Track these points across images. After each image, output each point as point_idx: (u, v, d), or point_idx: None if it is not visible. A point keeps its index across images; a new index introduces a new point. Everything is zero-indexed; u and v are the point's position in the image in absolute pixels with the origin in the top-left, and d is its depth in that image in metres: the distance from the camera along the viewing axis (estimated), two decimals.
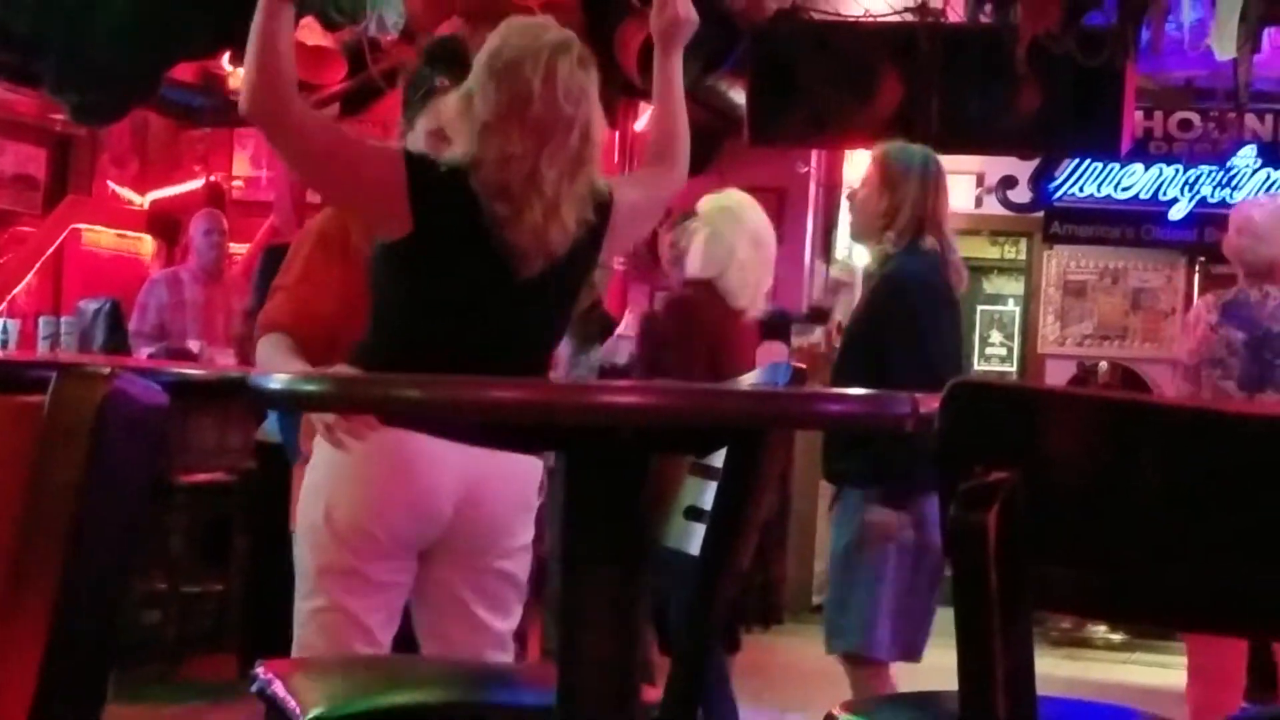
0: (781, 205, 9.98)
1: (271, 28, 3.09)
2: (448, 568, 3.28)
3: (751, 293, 5.25)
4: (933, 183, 4.80)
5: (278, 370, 3.15)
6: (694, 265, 5.29)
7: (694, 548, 2.62)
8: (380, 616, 3.25)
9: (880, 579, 4.78)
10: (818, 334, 10.42)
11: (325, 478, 3.23)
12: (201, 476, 6.48)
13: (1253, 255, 5.21)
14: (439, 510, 3.21)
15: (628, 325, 7.81)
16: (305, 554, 3.28)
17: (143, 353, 7.65)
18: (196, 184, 10.37)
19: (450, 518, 3.22)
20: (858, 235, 5.20)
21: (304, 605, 3.28)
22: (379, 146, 3.41)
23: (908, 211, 4.75)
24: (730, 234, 5.24)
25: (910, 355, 4.54)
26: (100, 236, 9.99)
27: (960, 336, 5.01)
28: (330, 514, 3.20)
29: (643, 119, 9.01)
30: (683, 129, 3.49)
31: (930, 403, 1.71)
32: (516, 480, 3.27)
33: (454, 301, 3.18)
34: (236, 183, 10.51)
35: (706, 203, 5.43)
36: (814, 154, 10.00)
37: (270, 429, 6.17)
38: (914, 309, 4.68)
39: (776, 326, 6.91)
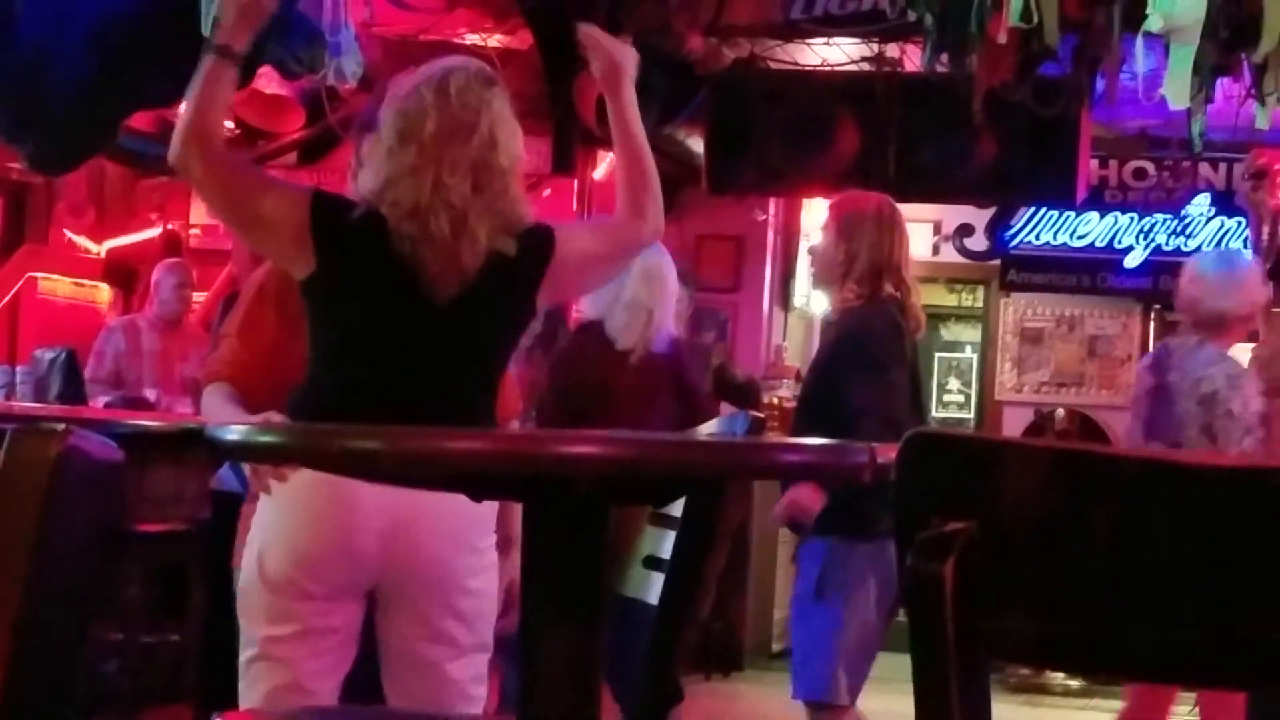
0: (740, 253, 10.02)
1: (211, 89, 3.25)
2: (397, 616, 3.22)
3: (640, 332, 5.23)
4: (888, 229, 4.84)
5: (218, 419, 3.19)
6: (586, 308, 5.34)
7: (653, 596, 2.62)
8: (313, 665, 3.18)
9: (841, 624, 4.78)
10: (785, 388, 10.47)
11: (258, 524, 3.22)
12: (158, 526, 6.43)
13: (1203, 308, 5.30)
14: (362, 551, 3.14)
15: None
16: (241, 602, 3.26)
17: (99, 401, 7.61)
18: (154, 232, 10.33)
19: (380, 559, 3.15)
20: (818, 284, 5.23)
21: (242, 655, 3.26)
22: (288, 186, 3.43)
23: (864, 259, 4.79)
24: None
25: (870, 405, 4.56)
26: (57, 285, 9.94)
27: (920, 384, 5.04)
28: (260, 561, 3.18)
29: (601, 167, 9.03)
30: (649, 176, 3.42)
31: (887, 452, 1.72)
32: (451, 519, 3.15)
33: (368, 333, 3.18)
34: (194, 231, 10.47)
35: None
36: (772, 202, 10.03)
37: (225, 477, 6.14)
38: (872, 360, 4.71)
39: (731, 389, 6.89)
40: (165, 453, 5.94)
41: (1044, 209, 10.58)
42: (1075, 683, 9.04)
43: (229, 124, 8.63)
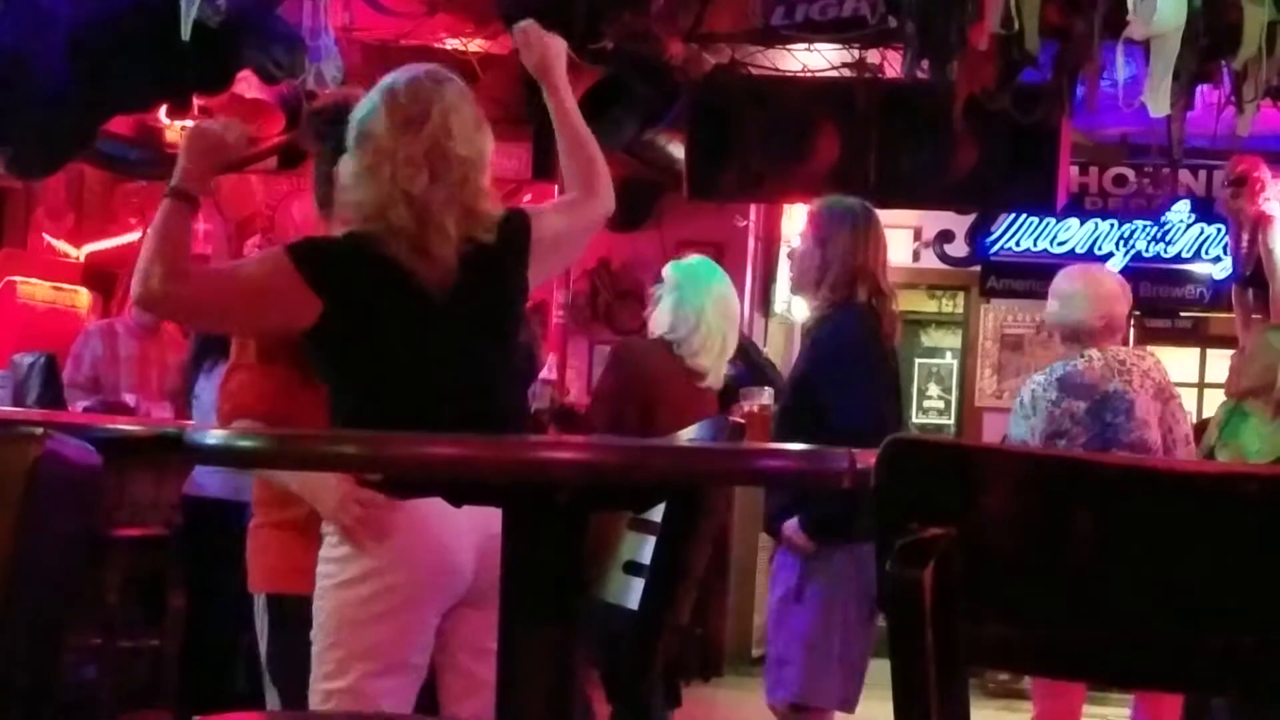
0: (720, 259, 9.94)
1: (175, 233, 3.24)
2: (474, 620, 3.21)
3: (715, 357, 5.28)
4: (864, 235, 4.87)
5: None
6: (660, 325, 5.33)
7: (633, 602, 2.61)
8: (397, 700, 3.19)
9: (821, 628, 4.79)
10: (766, 395, 10.43)
11: (338, 562, 3.19)
12: (136, 530, 6.42)
13: (1059, 319, 5.40)
14: (461, 572, 3.16)
15: (550, 369, 7.82)
16: (334, 632, 3.21)
17: (78, 406, 7.59)
18: (133, 236, 10.30)
19: (470, 578, 3.17)
20: (796, 289, 5.25)
21: (324, 685, 3.21)
22: (265, 261, 3.42)
23: (839, 265, 4.82)
24: (697, 297, 5.28)
25: (849, 412, 4.58)
26: (36, 289, 9.91)
27: (899, 388, 5.07)
28: (375, 594, 3.16)
29: None
30: (594, 156, 3.51)
31: (867, 458, 1.72)
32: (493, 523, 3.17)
33: (390, 349, 3.19)
34: None
35: (675, 267, 5.47)
36: (752, 208, 10.04)
37: (201, 482, 6.12)
38: (851, 367, 4.75)
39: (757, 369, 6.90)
40: (143, 458, 5.93)
41: (1024, 215, 10.60)
42: None
43: None
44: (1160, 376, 5.27)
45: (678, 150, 8.48)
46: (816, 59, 8.25)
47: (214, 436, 2.28)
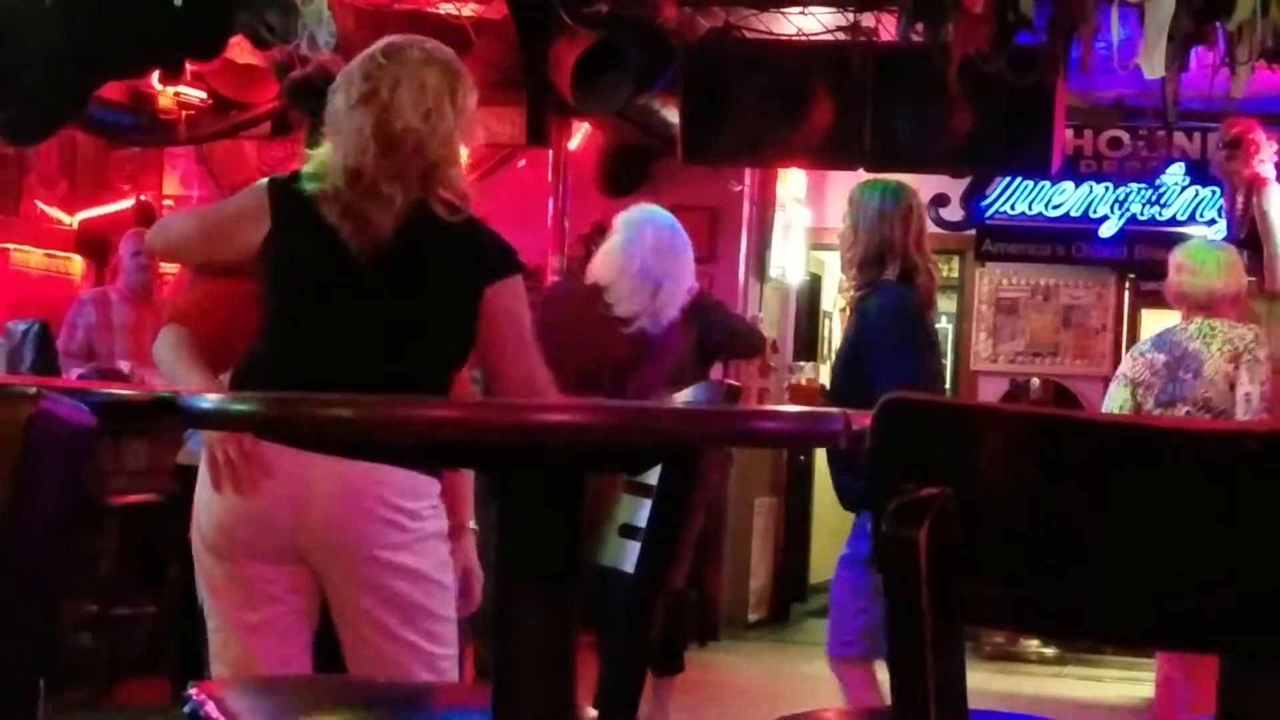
0: (715, 224, 10.00)
1: None
2: (339, 578, 3.23)
3: (644, 303, 5.26)
4: (898, 213, 5.10)
5: (167, 363, 3.35)
6: (592, 272, 5.39)
7: (629, 565, 2.61)
8: (261, 632, 3.23)
9: (878, 587, 4.88)
10: (809, 368, 10.49)
11: (197, 496, 3.30)
12: (132, 498, 6.42)
13: (1189, 289, 5.74)
14: (273, 516, 3.18)
15: None
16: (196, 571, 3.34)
17: (72, 373, 7.58)
18: (126, 204, 10.29)
19: (294, 523, 3.18)
20: (843, 269, 5.42)
21: (208, 626, 3.33)
22: (248, 189, 3.49)
23: (875, 243, 5.06)
24: (630, 245, 5.29)
25: (893, 383, 4.69)
26: (29, 256, 9.90)
27: (938, 356, 5.29)
28: (197, 529, 3.27)
29: (576, 137, 9.02)
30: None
31: (863, 420, 1.72)
32: (351, 485, 3.15)
33: (299, 299, 3.25)
34: (167, 202, 10.43)
35: (622, 216, 5.49)
36: (747, 172, 10.02)
37: (194, 449, 6.12)
38: (896, 340, 4.97)
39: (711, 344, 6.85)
40: (138, 425, 5.93)
41: (1019, 179, 10.58)
42: (1049, 650, 9.08)
43: (202, 94, 8.60)
44: (1242, 344, 5.65)
45: (672, 114, 8.46)
46: (811, 22, 8.22)
47: (208, 401, 2.27)
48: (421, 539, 3.22)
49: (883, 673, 4.93)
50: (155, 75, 7.88)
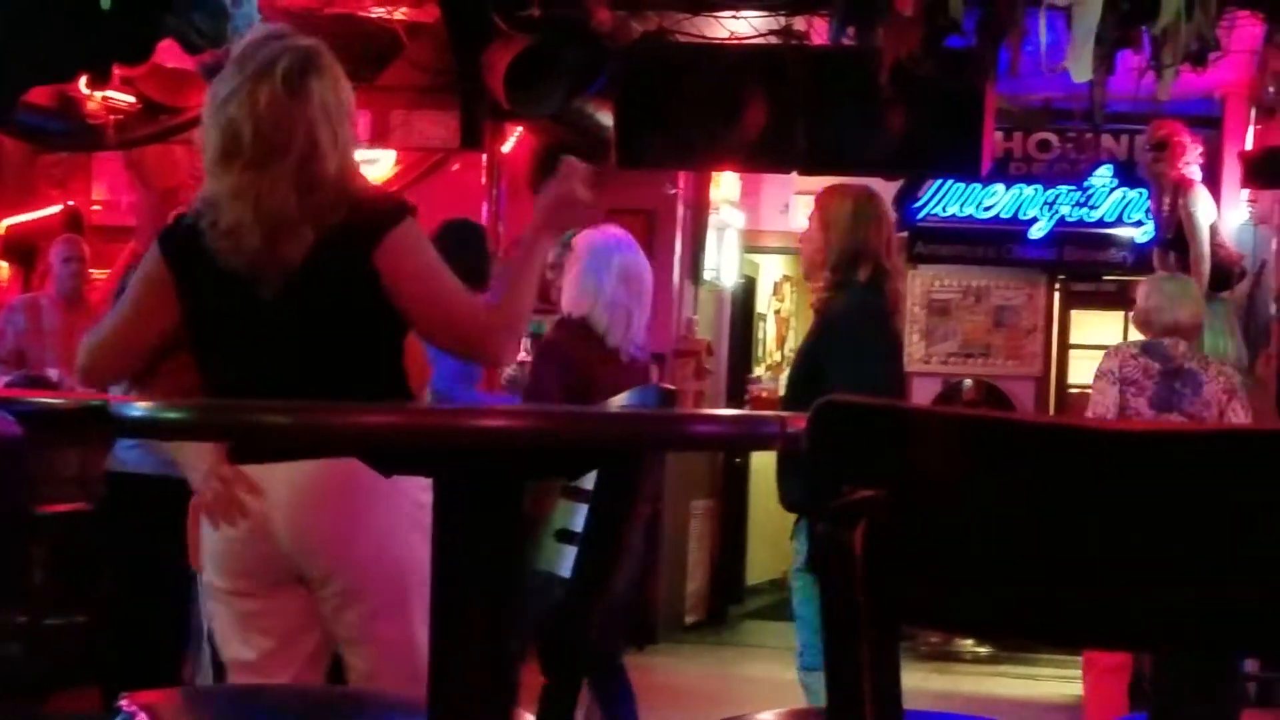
0: (650, 227, 10.00)
1: None
2: (328, 608, 3.23)
3: (620, 331, 5.31)
4: (865, 217, 5.15)
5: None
6: (565, 302, 5.40)
7: (566, 570, 2.62)
8: (248, 655, 3.23)
9: None
10: (767, 379, 10.52)
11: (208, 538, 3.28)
12: (63, 506, 6.36)
13: (1158, 316, 6.15)
14: (251, 537, 3.17)
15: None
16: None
17: (1, 380, 7.51)
18: (54, 209, 10.20)
19: (268, 539, 3.17)
20: (805, 273, 5.47)
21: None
22: (145, 258, 3.42)
23: (840, 247, 5.10)
24: (598, 271, 5.30)
25: (850, 387, 4.74)
26: None
27: (899, 361, 5.34)
28: (204, 570, 3.29)
29: (510, 140, 9.00)
30: (520, 313, 3.29)
31: (798, 422, 1.72)
32: (311, 485, 3.14)
33: (212, 340, 3.22)
34: (96, 207, 10.34)
35: (581, 239, 5.47)
36: (681, 175, 10.04)
37: (122, 458, 6.06)
38: (854, 344, 5.00)
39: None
40: (68, 433, 5.87)
41: (950, 181, 10.66)
42: (984, 650, 9.14)
43: (131, 98, 8.53)
44: (1232, 381, 6.09)
45: (606, 118, 8.46)
46: (744, 26, 8.24)
47: (139, 409, 2.25)
48: (399, 533, 3.17)
49: None
50: (83, 80, 7.81)
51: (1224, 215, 9.33)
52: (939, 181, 10.65)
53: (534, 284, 3.33)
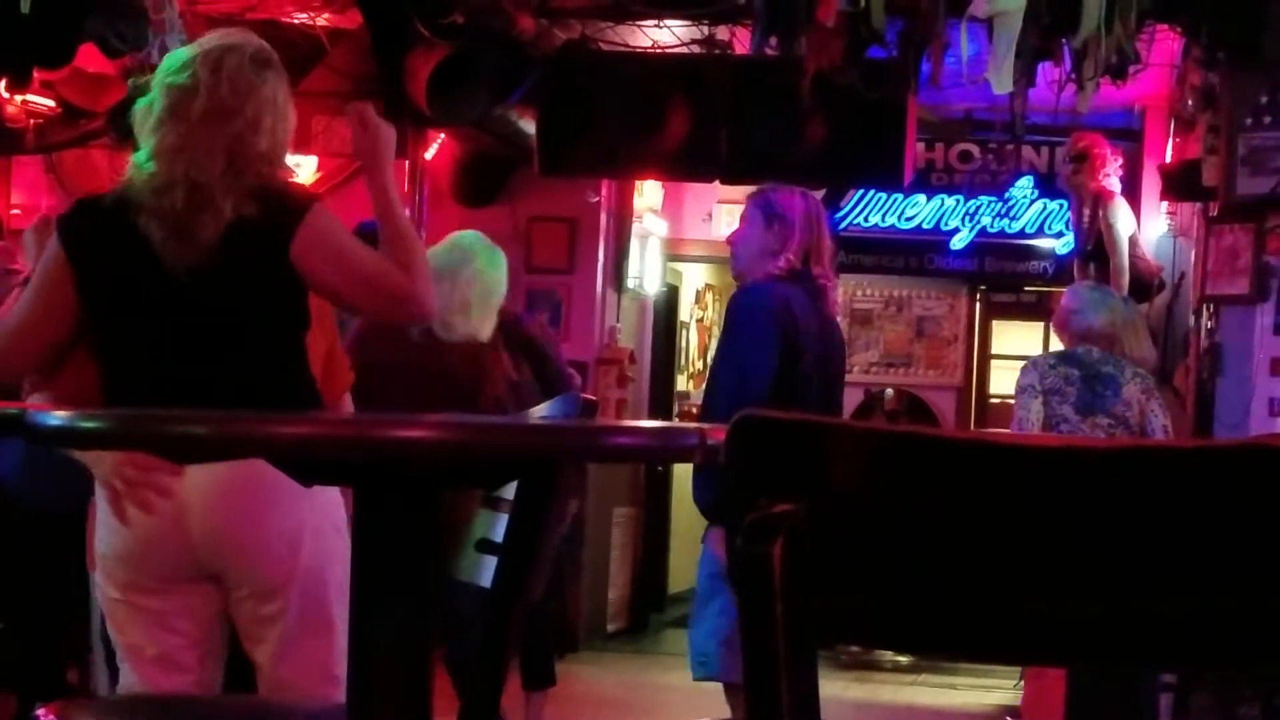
0: (573, 235, 10.01)
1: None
2: (234, 583, 3.20)
3: (461, 327, 5.18)
4: (819, 218, 5.26)
5: None
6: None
7: (486, 580, 2.61)
8: (151, 651, 3.20)
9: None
10: (697, 395, 10.51)
11: (95, 529, 3.26)
12: None
13: (1074, 320, 6.38)
14: (161, 534, 3.14)
15: None
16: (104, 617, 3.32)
17: None
18: None
19: (182, 537, 3.14)
20: (734, 275, 5.42)
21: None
22: (46, 253, 3.39)
23: (757, 248, 5.15)
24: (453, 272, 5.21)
25: (722, 371, 4.84)
26: None
27: (799, 363, 5.23)
28: (98, 560, 3.25)
29: (433, 147, 8.98)
30: (414, 252, 3.29)
31: (717, 435, 1.73)
32: (230, 486, 3.13)
33: (119, 317, 3.19)
34: (15, 211, 10.23)
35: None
36: (604, 184, 10.04)
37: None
38: (738, 343, 5.05)
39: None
40: None
41: (873, 191, 10.71)
42: (904, 659, 9.18)
43: (50, 102, 8.45)
44: (1148, 382, 6.31)
45: (529, 125, 8.45)
46: (666, 35, 8.26)
47: (58, 418, 2.23)
48: (314, 532, 3.17)
49: None
50: (2, 83, 7.73)
51: (1144, 227, 9.43)
52: (861, 191, 10.70)
53: (407, 222, 3.37)
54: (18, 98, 8.27)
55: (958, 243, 10.91)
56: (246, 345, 3.19)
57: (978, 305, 11.54)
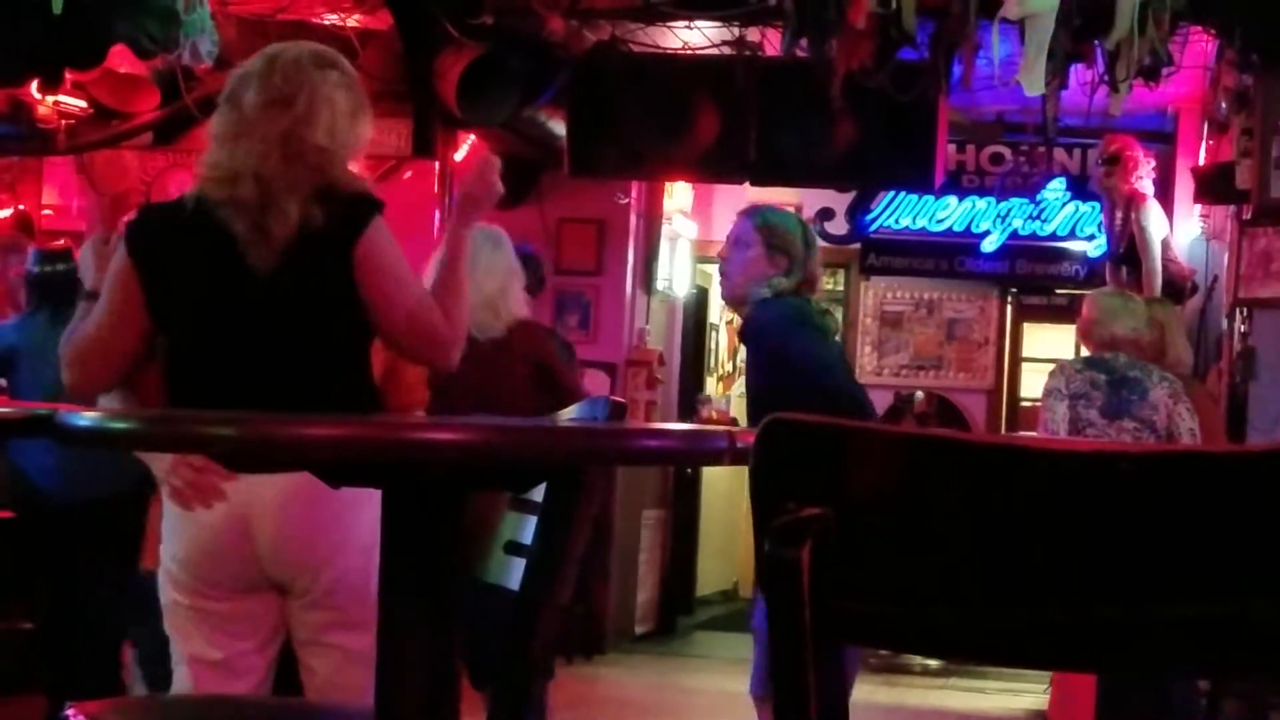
0: (602, 237, 10.01)
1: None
2: (285, 606, 3.25)
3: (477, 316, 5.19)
4: (777, 238, 5.16)
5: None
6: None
7: (514, 582, 2.60)
8: (214, 655, 3.24)
9: None
10: (718, 401, 10.54)
11: (163, 534, 3.29)
12: (2, 513, 6.31)
13: (1096, 330, 6.33)
14: (227, 543, 3.18)
15: None
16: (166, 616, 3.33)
17: None
18: (4, 213, 10.13)
19: (248, 546, 3.18)
20: (725, 297, 5.46)
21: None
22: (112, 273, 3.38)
23: (756, 269, 5.10)
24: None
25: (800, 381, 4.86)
26: None
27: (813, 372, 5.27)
28: (163, 564, 3.29)
29: (463, 149, 8.98)
30: (459, 307, 3.32)
31: (746, 438, 1.72)
32: (296, 497, 3.17)
33: (198, 312, 3.19)
34: (46, 211, 10.28)
35: None
36: (634, 185, 10.04)
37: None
38: (764, 357, 5.06)
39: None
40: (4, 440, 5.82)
41: (903, 193, 10.69)
42: (934, 663, 9.15)
43: (81, 103, 8.48)
44: (1175, 387, 6.25)
45: (558, 127, 8.45)
46: (696, 36, 8.25)
47: (86, 419, 2.23)
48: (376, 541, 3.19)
49: None
50: (34, 84, 7.76)
51: (1176, 230, 9.39)
52: (891, 194, 10.68)
53: (466, 275, 3.39)
54: (49, 99, 8.31)
55: (989, 245, 10.88)
56: (315, 353, 3.20)
57: (1009, 308, 11.51)
